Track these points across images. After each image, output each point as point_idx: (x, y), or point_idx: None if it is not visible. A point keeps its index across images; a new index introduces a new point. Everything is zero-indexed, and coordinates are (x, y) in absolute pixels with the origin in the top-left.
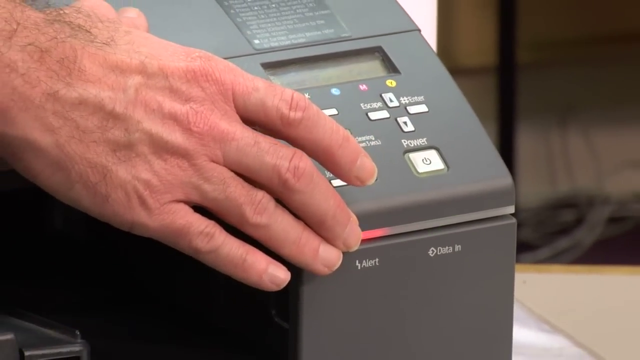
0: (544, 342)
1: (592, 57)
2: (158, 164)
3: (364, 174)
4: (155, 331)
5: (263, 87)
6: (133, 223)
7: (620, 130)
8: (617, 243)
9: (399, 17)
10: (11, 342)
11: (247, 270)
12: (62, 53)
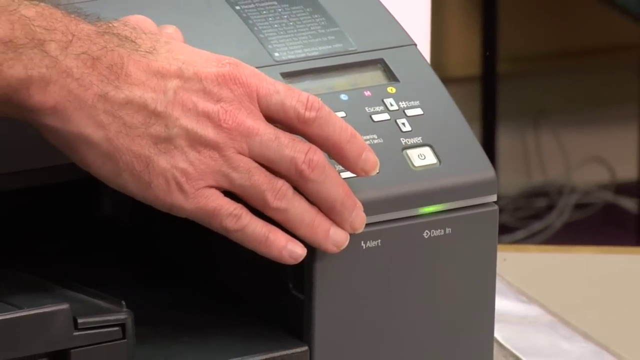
0: (521, 311)
1: (561, 69)
2: (193, 155)
3: (368, 166)
4: (188, 301)
5: (283, 90)
6: (172, 205)
7: (585, 130)
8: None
9: (398, 34)
10: (66, 311)
11: (269, 246)
12: (111, 60)
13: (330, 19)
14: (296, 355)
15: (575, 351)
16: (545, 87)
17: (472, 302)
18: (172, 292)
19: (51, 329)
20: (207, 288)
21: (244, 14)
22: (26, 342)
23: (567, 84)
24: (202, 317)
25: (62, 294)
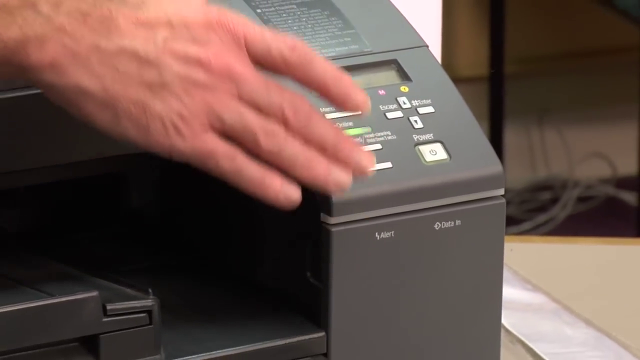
0: (527, 298)
1: (564, 69)
2: (187, 99)
3: (358, 102)
4: (211, 289)
5: (269, 35)
6: (171, 148)
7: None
8: (585, 218)
9: (410, 36)
10: (96, 298)
11: (265, 189)
12: (100, 15)
13: (347, 22)
14: (314, 340)
15: (578, 337)
16: (550, 87)
17: (480, 290)
18: (196, 280)
19: (81, 315)
20: (230, 276)
21: (265, 16)
22: (58, 327)
23: (570, 84)
24: (225, 304)
25: (91, 282)
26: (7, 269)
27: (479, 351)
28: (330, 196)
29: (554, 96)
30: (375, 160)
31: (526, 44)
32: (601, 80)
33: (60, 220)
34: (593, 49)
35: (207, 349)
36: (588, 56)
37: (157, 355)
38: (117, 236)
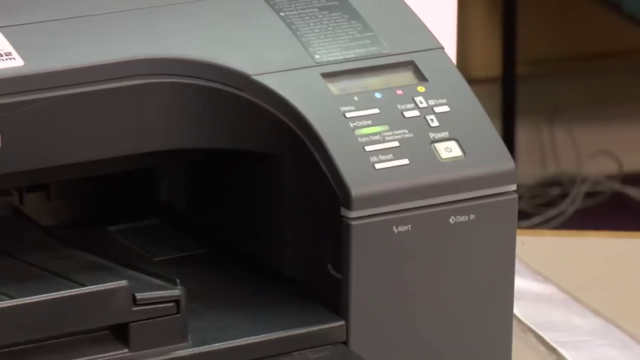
0: (537, 289)
1: (573, 71)
2: None
3: None
4: (237, 280)
5: None
6: None
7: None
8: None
9: (427, 38)
10: (126, 288)
11: None
12: None
13: (366, 25)
14: (334, 329)
15: (586, 326)
16: (559, 87)
17: (493, 281)
18: (221, 271)
19: (112, 305)
20: (254, 267)
21: (288, 19)
22: (89, 316)
23: (579, 85)
24: (249, 294)
25: (122, 273)
26: (42, 261)
27: (492, 339)
28: (350, 191)
29: (563, 96)
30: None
31: (537, 46)
32: (608, 81)
33: (92, 213)
34: (601, 51)
35: (232, 336)
36: (596, 58)
37: (184, 342)
38: (146, 229)
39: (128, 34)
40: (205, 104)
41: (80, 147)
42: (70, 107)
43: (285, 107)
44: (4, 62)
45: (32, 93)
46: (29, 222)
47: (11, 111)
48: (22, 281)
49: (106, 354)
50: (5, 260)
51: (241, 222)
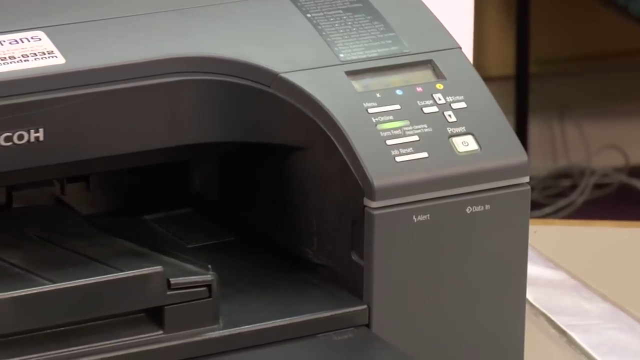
0: (549, 275)
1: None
2: None
3: None
4: (266, 266)
5: None
6: None
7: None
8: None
9: (445, 39)
10: (161, 273)
11: None
12: None
13: (388, 26)
14: (357, 312)
15: (595, 310)
16: (569, 85)
17: (507, 267)
18: (251, 257)
19: (148, 289)
20: (281, 254)
21: (314, 20)
22: (126, 300)
23: (588, 83)
24: (277, 279)
25: (157, 259)
26: (82, 247)
27: (506, 323)
28: (373, 183)
29: (573, 93)
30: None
31: (548, 46)
32: (616, 80)
33: (129, 203)
34: (609, 51)
35: (261, 319)
36: (604, 58)
37: (215, 325)
38: (180, 218)
39: (163, 33)
40: (236, 100)
41: (117, 140)
42: (109, 103)
43: (311, 103)
44: (47, 60)
45: (73, 89)
46: (70, 211)
47: (53, 106)
48: (63, 267)
49: (142, 335)
50: (48, 247)
51: (269, 212)
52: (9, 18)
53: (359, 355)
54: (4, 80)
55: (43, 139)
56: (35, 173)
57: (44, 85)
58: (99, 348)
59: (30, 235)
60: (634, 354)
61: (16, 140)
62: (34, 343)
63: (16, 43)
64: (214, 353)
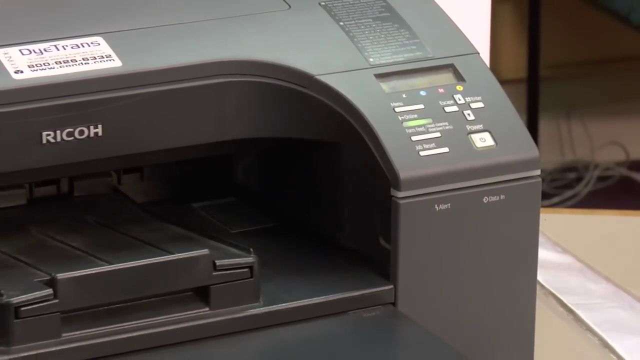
0: (557, 259)
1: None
2: None
3: None
4: (301, 249)
5: None
6: None
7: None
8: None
9: (465, 45)
10: (208, 256)
11: None
12: None
13: (413, 33)
14: (384, 292)
15: (599, 291)
16: (576, 87)
17: (520, 252)
18: (288, 242)
19: (195, 270)
20: (316, 239)
21: (346, 28)
22: (176, 280)
23: (593, 85)
24: (312, 261)
25: (204, 243)
26: (136, 232)
27: (519, 302)
28: (399, 175)
29: (579, 95)
30: (435, 146)
31: (557, 52)
32: (618, 82)
33: (179, 192)
34: (611, 56)
35: (297, 297)
36: (607, 62)
37: (256, 302)
38: (224, 206)
39: (211, 39)
40: (276, 99)
41: (169, 135)
42: (161, 102)
43: (343, 103)
44: (105, 63)
45: (128, 89)
46: (126, 199)
47: (110, 105)
48: (119, 250)
49: (190, 312)
50: (105, 232)
51: (305, 201)
52: (71, 25)
53: (385, 330)
54: (66, 82)
55: (102, 135)
56: (94, 165)
57: (102, 86)
58: (151, 323)
59: (90, 221)
60: (634, 330)
61: (77, 136)
62: (94, 318)
63: (77, 47)
64: (255, 328)
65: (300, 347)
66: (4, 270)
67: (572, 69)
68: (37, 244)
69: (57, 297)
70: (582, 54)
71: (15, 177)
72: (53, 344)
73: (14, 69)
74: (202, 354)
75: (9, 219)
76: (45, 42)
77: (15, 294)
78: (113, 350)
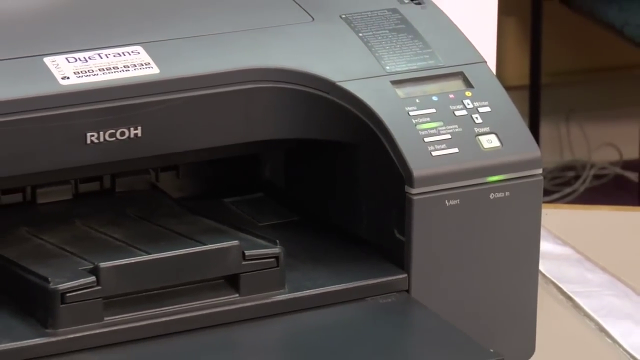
0: (557, 251)
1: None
2: None
3: None
4: (323, 241)
5: None
6: None
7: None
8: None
9: (473, 54)
10: (238, 246)
11: None
12: None
13: (426, 43)
14: (398, 280)
15: (596, 280)
16: (574, 94)
17: (523, 243)
18: (311, 234)
19: (226, 260)
20: (336, 231)
21: (365, 39)
22: (208, 268)
23: (589, 92)
24: (332, 252)
25: (234, 235)
26: (172, 225)
27: (522, 289)
28: (412, 173)
29: (577, 100)
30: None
31: (557, 61)
32: (613, 89)
33: (211, 188)
34: (607, 65)
35: (319, 285)
36: (603, 71)
37: (282, 289)
38: (253, 201)
39: (241, 49)
40: (300, 104)
41: (202, 136)
42: (195, 106)
43: (362, 107)
44: (144, 70)
45: (165, 94)
46: (163, 195)
47: (149, 108)
48: (156, 241)
49: (221, 297)
50: (144, 225)
51: (327, 196)
52: (113, 35)
53: (400, 315)
54: (108, 87)
55: (141, 135)
56: (134, 163)
57: (141, 91)
58: (186, 308)
59: (130, 214)
60: (627, 315)
61: (119, 136)
62: (133, 303)
63: (119, 56)
64: (280, 313)
65: (322, 330)
66: (52, 259)
67: (570, 77)
68: (81, 235)
69: (99, 284)
70: (580, 63)
71: (62, 174)
72: (96, 327)
73: (61, 75)
74: (232, 336)
75: (56, 213)
76: (89, 51)
77: (61, 281)
78: (150, 333)
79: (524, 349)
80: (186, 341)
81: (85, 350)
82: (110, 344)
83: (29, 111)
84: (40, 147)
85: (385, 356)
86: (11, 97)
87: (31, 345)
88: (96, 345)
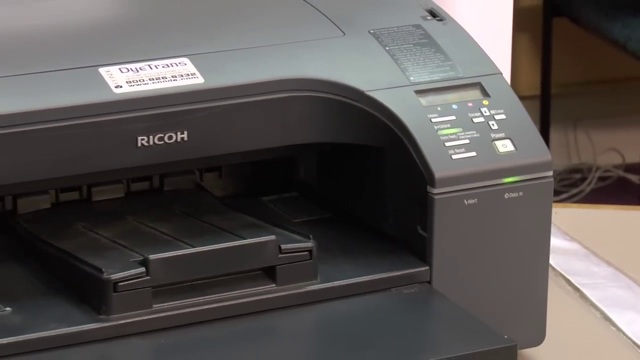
0: (565, 246)
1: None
2: None
3: None
4: (353, 237)
5: None
6: None
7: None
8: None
9: (490, 66)
10: (274, 241)
11: None
12: None
13: (447, 56)
14: (421, 272)
15: (601, 272)
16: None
17: (535, 239)
18: (341, 230)
19: (264, 253)
20: (364, 227)
21: (391, 52)
22: (248, 261)
23: (596, 101)
24: (360, 246)
25: (271, 230)
26: (215, 221)
27: (534, 281)
28: (434, 174)
29: (584, 109)
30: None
31: (566, 73)
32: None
33: (251, 188)
34: (612, 77)
35: (348, 276)
36: (608, 83)
37: (315, 280)
38: (288, 199)
39: (278, 60)
40: (331, 111)
41: (243, 140)
42: (236, 112)
43: (389, 114)
44: (190, 80)
45: (210, 102)
46: (207, 193)
47: (194, 115)
48: (201, 235)
49: (259, 287)
50: (189, 221)
51: (356, 195)
52: (162, 48)
53: (422, 304)
54: (157, 95)
55: (187, 139)
56: (180, 165)
57: (187, 99)
58: (227, 297)
59: (177, 211)
60: (630, 305)
61: (167, 140)
62: (179, 292)
63: (167, 67)
64: (313, 302)
65: (351, 318)
66: (105, 252)
67: (578, 88)
68: (132, 230)
69: (148, 275)
70: (587, 75)
71: (115, 175)
72: (145, 314)
73: (114, 84)
74: (268, 322)
75: (109, 209)
76: (140, 62)
77: (113, 272)
78: (195, 319)
79: (535, 335)
80: (227, 327)
81: (135, 334)
82: (158, 329)
83: (86, 117)
84: (96, 149)
85: (408, 341)
86: (69, 104)
87: (86, 330)
88: (145, 330)
